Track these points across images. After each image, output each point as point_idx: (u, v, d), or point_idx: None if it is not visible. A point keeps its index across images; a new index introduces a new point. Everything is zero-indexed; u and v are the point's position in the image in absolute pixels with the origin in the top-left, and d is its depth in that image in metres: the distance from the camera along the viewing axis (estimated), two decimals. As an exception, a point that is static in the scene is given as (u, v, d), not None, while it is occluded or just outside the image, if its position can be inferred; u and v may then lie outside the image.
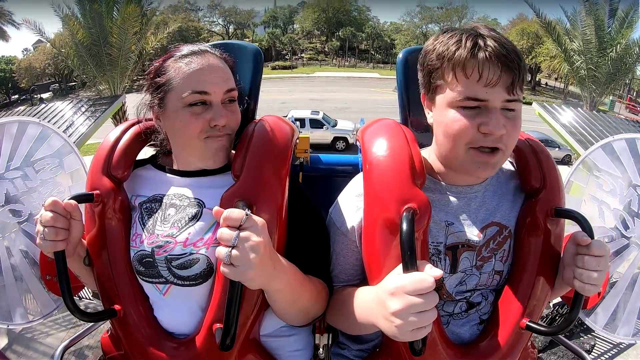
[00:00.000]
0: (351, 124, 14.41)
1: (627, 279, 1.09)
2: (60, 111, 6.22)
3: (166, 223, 0.84)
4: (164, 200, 0.87)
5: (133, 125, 0.93)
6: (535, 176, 0.82)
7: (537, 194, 0.81)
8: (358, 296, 0.76)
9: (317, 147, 13.49)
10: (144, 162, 0.95)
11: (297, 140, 1.02)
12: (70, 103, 6.47)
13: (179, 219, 0.84)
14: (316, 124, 13.86)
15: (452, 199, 0.81)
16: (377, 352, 0.84)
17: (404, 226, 0.66)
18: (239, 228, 0.63)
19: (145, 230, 0.85)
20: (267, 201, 0.78)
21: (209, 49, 0.86)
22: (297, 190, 0.87)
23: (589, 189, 1.13)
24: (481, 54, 0.68)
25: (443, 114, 0.74)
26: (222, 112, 0.81)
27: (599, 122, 6.64)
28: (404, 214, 0.69)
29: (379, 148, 0.80)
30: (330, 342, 1.04)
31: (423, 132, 1.01)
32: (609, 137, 1.15)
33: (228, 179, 0.83)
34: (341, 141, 13.98)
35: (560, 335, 1.03)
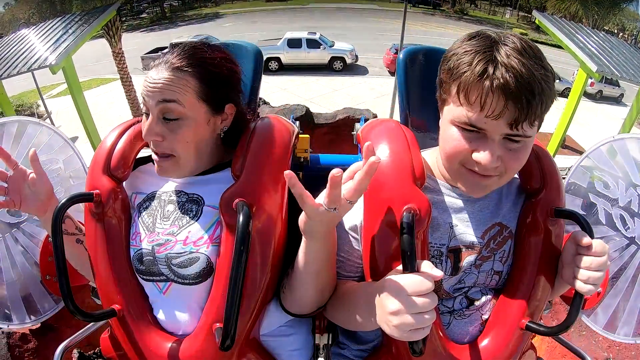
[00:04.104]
0: (349, 45, 14.18)
1: (627, 279, 1.09)
2: (52, 26, 6.05)
3: (166, 220, 0.84)
4: (162, 197, 0.87)
5: (133, 124, 0.93)
6: (535, 177, 0.82)
7: (537, 194, 0.81)
8: (358, 292, 0.76)
9: (314, 68, 13.51)
10: (145, 160, 0.95)
11: (297, 140, 1.02)
12: (60, 19, 6.31)
13: (179, 216, 0.84)
14: (313, 44, 13.72)
15: (455, 200, 0.81)
16: (377, 352, 0.84)
17: (405, 226, 0.66)
18: None
19: (145, 229, 0.85)
20: (267, 201, 0.78)
21: (165, 61, 0.79)
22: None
23: (589, 189, 1.13)
24: (487, 83, 0.63)
25: (445, 128, 0.73)
26: (151, 126, 0.78)
27: (604, 41, 6.43)
28: (404, 214, 0.69)
29: (380, 149, 0.80)
30: (330, 342, 1.04)
31: (423, 132, 1.01)
32: (609, 137, 1.15)
33: (225, 175, 0.83)
34: (338, 61, 13.82)
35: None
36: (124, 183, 0.90)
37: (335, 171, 0.58)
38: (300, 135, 1.08)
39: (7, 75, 5.49)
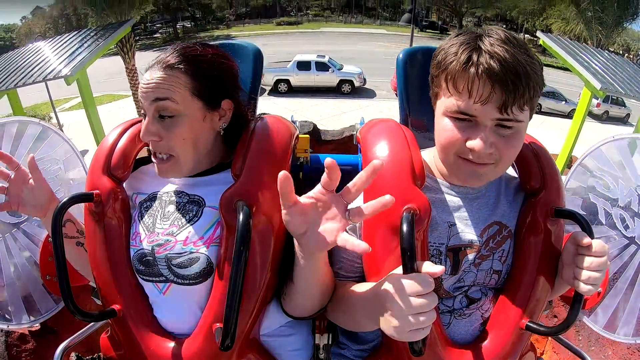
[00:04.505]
0: (357, 68, 14.37)
1: (627, 279, 1.09)
2: (68, 39, 6.13)
3: (166, 220, 0.84)
4: (163, 197, 0.87)
5: (133, 124, 0.93)
6: (535, 176, 0.82)
7: (537, 194, 0.81)
8: (358, 293, 0.76)
9: (323, 90, 13.74)
10: (146, 160, 0.95)
11: (297, 140, 1.02)
12: (76, 33, 6.37)
13: (179, 216, 0.84)
14: (322, 67, 13.95)
15: (453, 199, 0.81)
16: (377, 352, 0.84)
17: (404, 227, 0.66)
18: None
19: (145, 229, 0.85)
20: (267, 201, 0.78)
21: (158, 61, 0.80)
22: (298, 190, 0.87)
23: (589, 189, 1.13)
24: (472, 70, 0.66)
25: (438, 121, 0.75)
26: (148, 127, 0.78)
27: (609, 60, 6.43)
28: (404, 214, 0.69)
29: (380, 149, 0.80)
30: (330, 342, 1.04)
31: (423, 132, 1.01)
32: (609, 137, 1.15)
33: (227, 175, 0.83)
34: (347, 84, 14.00)
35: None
36: (124, 183, 0.90)
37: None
38: (300, 136, 1.08)
39: (22, 84, 5.53)
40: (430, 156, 0.86)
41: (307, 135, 1.17)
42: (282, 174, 0.60)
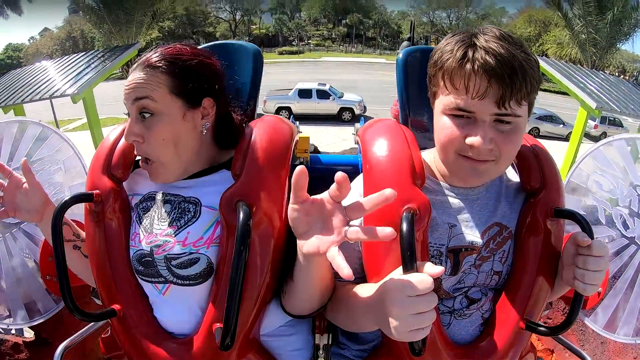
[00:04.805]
0: (357, 96, 14.58)
1: (627, 279, 1.09)
2: (75, 60, 6.24)
3: (164, 221, 0.84)
4: (158, 197, 0.86)
5: None
6: (535, 177, 0.82)
7: (537, 194, 0.81)
8: (358, 294, 0.76)
9: (324, 118, 13.92)
10: None
11: (297, 140, 1.02)
12: (84, 54, 6.47)
13: (177, 217, 0.83)
14: (323, 95, 14.12)
15: (454, 200, 0.81)
16: (377, 352, 0.84)
17: (404, 226, 0.66)
18: None
19: (143, 229, 0.85)
20: (267, 201, 0.78)
21: (140, 63, 0.80)
22: None
23: (589, 189, 1.13)
24: (468, 66, 0.67)
25: (437, 120, 0.75)
26: (131, 127, 0.79)
27: (604, 80, 6.49)
28: (404, 214, 0.69)
29: (379, 148, 0.80)
30: (330, 342, 1.04)
31: (423, 132, 1.01)
32: (609, 137, 1.15)
33: (222, 175, 0.83)
34: (347, 112, 14.16)
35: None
36: (124, 183, 0.90)
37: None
38: (300, 136, 1.08)
39: (29, 100, 5.57)
40: (431, 157, 0.86)
41: (307, 136, 1.17)
42: (301, 168, 0.59)
